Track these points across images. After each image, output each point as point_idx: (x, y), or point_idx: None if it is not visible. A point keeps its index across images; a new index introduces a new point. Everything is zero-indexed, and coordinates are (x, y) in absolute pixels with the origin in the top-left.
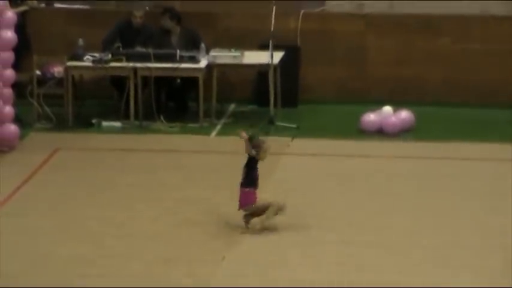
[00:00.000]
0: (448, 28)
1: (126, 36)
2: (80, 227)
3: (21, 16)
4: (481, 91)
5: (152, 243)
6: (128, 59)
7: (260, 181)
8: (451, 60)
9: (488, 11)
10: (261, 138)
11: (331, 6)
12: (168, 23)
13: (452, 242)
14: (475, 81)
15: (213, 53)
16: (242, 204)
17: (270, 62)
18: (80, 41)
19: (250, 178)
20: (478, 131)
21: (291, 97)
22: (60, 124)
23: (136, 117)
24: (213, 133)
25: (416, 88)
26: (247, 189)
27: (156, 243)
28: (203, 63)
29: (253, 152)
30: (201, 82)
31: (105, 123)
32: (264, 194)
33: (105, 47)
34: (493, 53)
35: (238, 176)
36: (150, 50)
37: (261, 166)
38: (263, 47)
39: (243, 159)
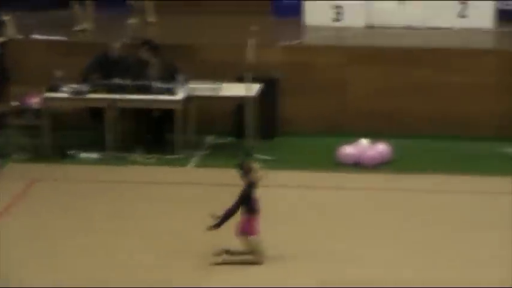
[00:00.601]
0: (428, 60)
1: (104, 68)
2: (56, 257)
3: (0, 47)
4: (461, 124)
5: (128, 275)
6: (106, 91)
7: (236, 214)
8: (432, 93)
9: (467, 44)
10: (247, 161)
11: (310, 39)
12: (146, 54)
13: (428, 274)
14: (455, 114)
15: (191, 84)
16: (240, 231)
17: (247, 95)
18: (58, 73)
19: (248, 204)
20: (457, 163)
21: (269, 129)
22: (37, 155)
23: (113, 148)
24: (190, 164)
25: (396, 120)
26: (246, 216)
27: (132, 274)
28: (180, 95)
29: (251, 178)
30: (177, 114)
31: (82, 154)
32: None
33: (84, 78)
34: (473, 85)
35: (215, 207)
36: (128, 82)
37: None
38: (241, 78)
39: (220, 191)
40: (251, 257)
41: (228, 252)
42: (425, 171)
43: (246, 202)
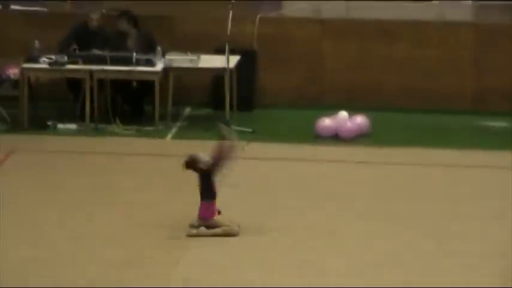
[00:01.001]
0: (405, 34)
1: (83, 39)
2: (33, 229)
3: None
4: (438, 97)
5: (106, 246)
6: (84, 62)
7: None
8: (408, 66)
9: (444, 17)
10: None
11: (288, 11)
12: (124, 25)
13: (404, 247)
14: (431, 87)
15: (169, 56)
16: (201, 217)
17: (226, 66)
18: (36, 43)
19: (208, 190)
20: (434, 137)
21: (246, 101)
22: (15, 126)
23: (91, 119)
24: (169, 136)
25: (373, 94)
26: (206, 202)
27: (110, 246)
28: (159, 66)
29: (201, 168)
30: (157, 85)
31: (60, 125)
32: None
33: (61, 49)
34: (449, 58)
35: (194, 179)
36: (106, 53)
37: None
38: (219, 51)
39: None
40: (227, 228)
41: (206, 225)
42: (403, 145)
43: (207, 189)
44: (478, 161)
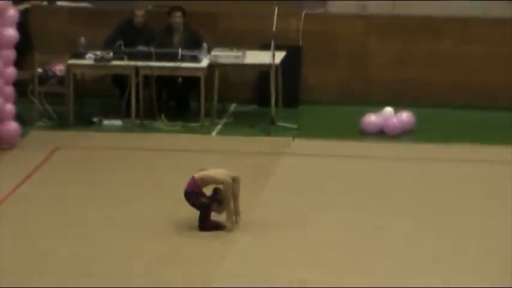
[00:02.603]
0: (449, 30)
1: (128, 35)
2: (79, 226)
3: (23, 14)
4: (482, 93)
5: (152, 243)
6: (130, 58)
7: (260, 181)
8: (453, 62)
9: (490, 13)
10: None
11: (333, 7)
12: (180, 20)
13: (451, 245)
14: (476, 84)
15: (214, 52)
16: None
17: (271, 62)
18: (82, 40)
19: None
20: (479, 133)
21: (292, 97)
22: (61, 122)
23: (137, 115)
24: (214, 132)
25: (417, 90)
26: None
27: (156, 242)
28: (205, 62)
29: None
30: (202, 81)
31: (106, 122)
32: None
33: (107, 45)
34: (494, 55)
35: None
36: (152, 49)
37: (261, 167)
38: (264, 47)
39: (244, 159)
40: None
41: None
42: (448, 141)
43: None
44: None
